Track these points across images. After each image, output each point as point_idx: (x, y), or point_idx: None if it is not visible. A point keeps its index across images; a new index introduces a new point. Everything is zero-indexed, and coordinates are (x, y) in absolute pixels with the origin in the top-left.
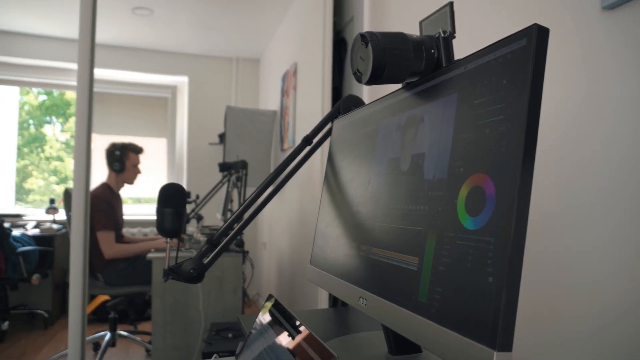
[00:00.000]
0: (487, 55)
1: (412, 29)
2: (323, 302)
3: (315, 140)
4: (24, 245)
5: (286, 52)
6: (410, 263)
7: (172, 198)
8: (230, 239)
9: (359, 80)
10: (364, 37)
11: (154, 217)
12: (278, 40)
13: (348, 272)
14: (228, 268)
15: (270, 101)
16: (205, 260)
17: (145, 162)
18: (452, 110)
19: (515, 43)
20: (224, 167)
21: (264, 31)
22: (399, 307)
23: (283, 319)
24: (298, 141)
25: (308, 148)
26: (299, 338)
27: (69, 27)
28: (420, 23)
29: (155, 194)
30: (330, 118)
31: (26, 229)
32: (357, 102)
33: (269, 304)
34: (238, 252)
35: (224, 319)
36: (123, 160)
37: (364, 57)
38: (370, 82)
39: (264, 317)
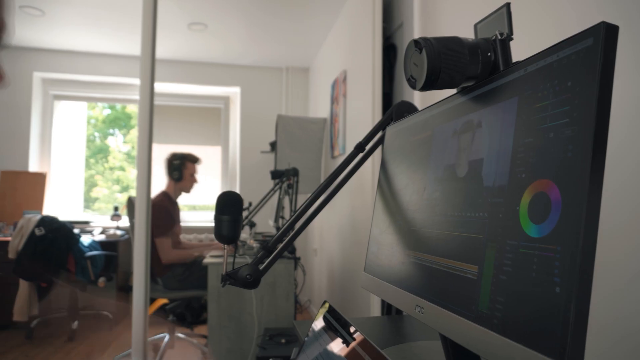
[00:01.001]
0: (549, 56)
1: (464, 33)
2: (376, 310)
3: (367, 147)
4: (91, 250)
5: (335, 59)
6: (469, 271)
7: (229, 206)
8: (285, 245)
9: (413, 87)
10: (418, 43)
11: (209, 224)
12: (327, 48)
13: (403, 280)
14: (280, 274)
15: (320, 109)
16: (261, 267)
17: (200, 169)
18: (512, 115)
19: (580, 43)
20: (276, 174)
21: (313, 40)
22: (458, 316)
23: (338, 325)
24: (349, 148)
25: (361, 155)
26: (354, 344)
27: (131, 45)
28: (475, 26)
29: (209, 202)
30: (382, 125)
31: (93, 235)
32: (409, 109)
33: (323, 310)
34: (290, 258)
35: (277, 324)
36: (181, 169)
37: (418, 63)
38: (424, 88)
39: (319, 323)
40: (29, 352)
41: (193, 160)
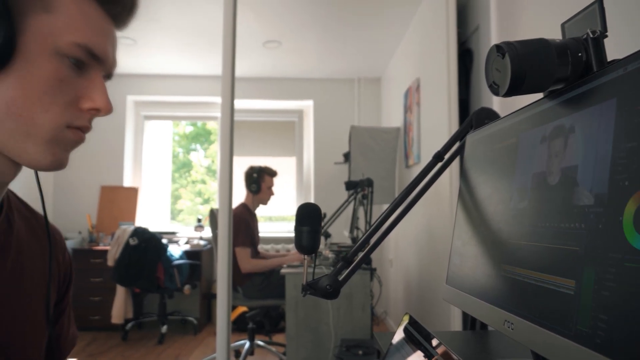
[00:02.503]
0: None
1: (547, 35)
2: (457, 323)
3: (446, 157)
4: (178, 259)
5: (408, 68)
6: (565, 286)
7: (308, 217)
8: (363, 256)
9: (496, 93)
10: (500, 48)
11: (285, 235)
12: (399, 57)
13: (490, 293)
14: (357, 285)
15: (393, 118)
16: (340, 277)
17: (276, 181)
18: (611, 118)
19: None
20: (350, 185)
21: (384, 50)
22: (554, 334)
23: (420, 337)
24: (424, 157)
25: (440, 164)
26: (437, 358)
27: (211, 65)
28: (563, 25)
29: (285, 213)
30: (462, 133)
31: (179, 245)
32: (491, 115)
33: (404, 322)
34: (366, 269)
35: (354, 335)
36: (259, 182)
37: (501, 69)
38: (508, 94)
39: (400, 335)
40: (124, 352)
41: (270, 173)
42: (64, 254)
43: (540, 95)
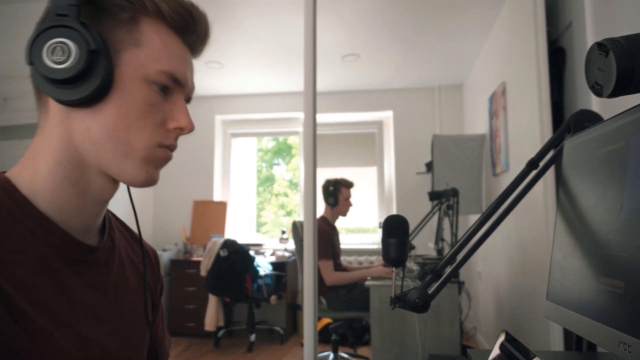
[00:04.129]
0: None
1: None
2: (557, 342)
3: (541, 164)
4: (264, 270)
5: (492, 72)
6: None
7: (395, 229)
8: (454, 269)
9: (599, 94)
10: (602, 46)
11: (367, 246)
12: (481, 62)
13: (600, 311)
14: (444, 299)
15: (477, 125)
16: (430, 291)
17: (357, 192)
18: None
19: None
20: (434, 195)
21: (465, 56)
22: None
23: (520, 356)
24: (512, 164)
25: (534, 172)
26: None
27: (291, 82)
28: None
29: (366, 224)
30: (558, 138)
31: (265, 256)
32: (592, 118)
33: (501, 338)
34: (453, 282)
35: (441, 350)
36: (336, 194)
37: (604, 68)
38: (614, 94)
39: (496, 352)
40: (217, 358)
41: (346, 185)
42: (158, 270)
43: None
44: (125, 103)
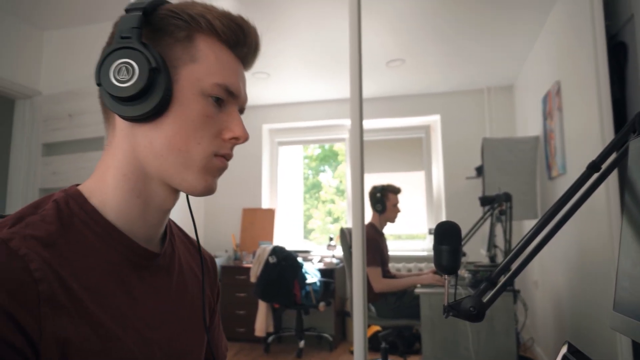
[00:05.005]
0: None
1: None
2: (626, 356)
3: (604, 167)
4: (312, 277)
5: (545, 71)
6: None
7: (447, 236)
8: (510, 276)
9: None
10: None
11: (416, 253)
12: (533, 61)
13: None
14: (498, 308)
15: (530, 127)
16: (485, 299)
17: (405, 197)
18: None
19: None
20: (486, 200)
21: (515, 56)
22: None
23: None
24: (570, 167)
25: (596, 175)
26: None
27: (336, 90)
28: None
29: (415, 230)
30: (622, 138)
31: (313, 263)
32: None
33: (563, 351)
34: (508, 290)
35: None
36: (384, 201)
37: None
38: None
39: None
40: None
41: (394, 191)
42: (215, 276)
43: None
44: (184, 116)
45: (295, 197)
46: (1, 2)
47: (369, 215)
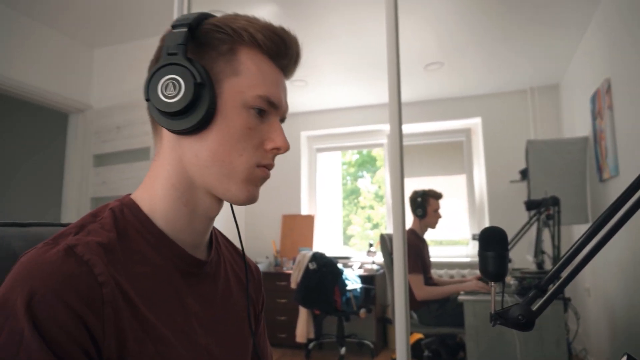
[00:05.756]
0: None
1: None
2: None
3: None
4: (353, 283)
5: (593, 69)
6: None
7: (493, 242)
8: (561, 284)
9: None
10: None
11: (458, 259)
12: (580, 58)
13: None
14: (546, 316)
15: (578, 127)
16: (534, 307)
17: (446, 202)
18: None
19: None
20: (532, 205)
21: (561, 53)
22: None
23: None
24: (623, 169)
25: None
26: None
27: (373, 95)
28: None
29: (457, 236)
30: None
31: (353, 269)
32: None
33: None
34: (558, 299)
35: None
36: (425, 206)
37: None
38: None
39: None
40: None
41: (435, 196)
42: (260, 284)
43: None
44: (227, 128)
45: (334, 203)
46: (55, 24)
47: (409, 220)
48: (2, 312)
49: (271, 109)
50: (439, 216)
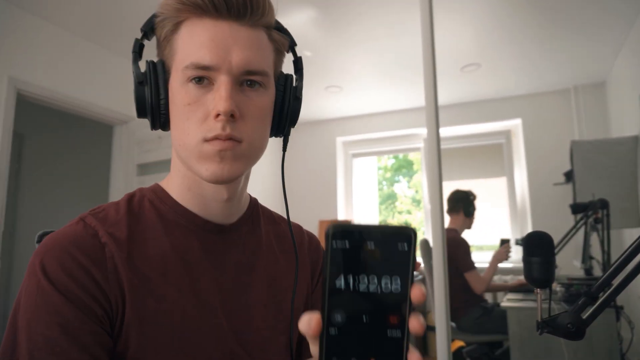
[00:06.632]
0: None
1: None
2: None
3: None
4: None
5: None
6: None
7: (539, 247)
8: (614, 290)
9: None
10: None
11: (501, 265)
12: (628, 53)
13: None
14: (597, 325)
15: (627, 126)
16: (584, 315)
17: (484, 205)
18: None
19: None
20: (578, 208)
21: (606, 49)
22: None
23: None
24: None
25: None
26: None
27: (408, 99)
28: None
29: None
30: None
31: None
32: None
33: None
34: (610, 307)
35: None
36: (474, 204)
37: None
38: None
39: None
40: None
41: (474, 197)
42: (317, 252)
43: None
44: (174, 112)
45: (371, 208)
46: (101, 40)
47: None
48: (28, 272)
49: (212, 72)
50: (474, 217)
